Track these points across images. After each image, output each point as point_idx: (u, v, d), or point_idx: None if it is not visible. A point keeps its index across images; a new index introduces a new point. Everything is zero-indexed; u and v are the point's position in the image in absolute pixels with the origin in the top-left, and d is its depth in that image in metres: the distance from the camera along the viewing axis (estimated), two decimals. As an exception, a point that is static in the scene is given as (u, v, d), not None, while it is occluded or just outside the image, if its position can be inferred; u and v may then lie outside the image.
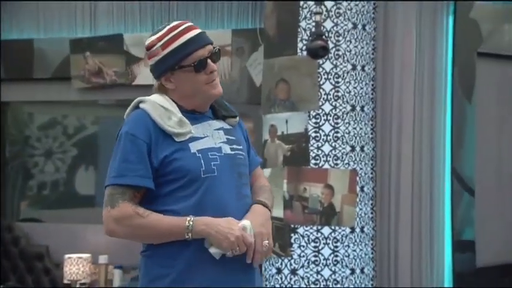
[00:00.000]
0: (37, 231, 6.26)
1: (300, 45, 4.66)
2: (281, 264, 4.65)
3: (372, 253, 4.77)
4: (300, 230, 4.62)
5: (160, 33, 2.32)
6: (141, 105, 2.33)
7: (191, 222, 2.22)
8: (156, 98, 2.35)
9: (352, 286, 4.62)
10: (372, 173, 4.79)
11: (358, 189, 4.67)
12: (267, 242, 2.28)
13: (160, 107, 2.31)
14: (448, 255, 4.83)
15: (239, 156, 2.37)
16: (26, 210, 6.96)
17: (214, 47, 2.34)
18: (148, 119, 2.29)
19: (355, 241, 4.66)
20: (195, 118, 2.35)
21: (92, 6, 6.21)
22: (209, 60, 2.32)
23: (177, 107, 2.34)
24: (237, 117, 2.44)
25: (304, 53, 4.54)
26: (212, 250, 2.24)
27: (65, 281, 5.71)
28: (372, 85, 4.82)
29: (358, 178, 4.67)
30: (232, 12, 5.85)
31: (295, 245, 4.62)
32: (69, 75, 6.19)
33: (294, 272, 4.62)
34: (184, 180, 2.26)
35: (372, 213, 4.78)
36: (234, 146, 2.37)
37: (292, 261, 4.62)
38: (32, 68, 6.33)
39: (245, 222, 2.27)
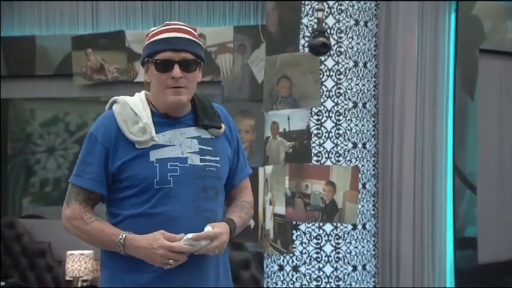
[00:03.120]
0: (39, 227, 6.26)
1: (302, 42, 4.66)
2: (283, 261, 4.65)
3: (374, 250, 4.77)
4: (302, 227, 4.62)
5: (155, 28, 2.35)
6: (113, 106, 2.32)
7: (121, 242, 2.22)
8: (130, 99, 2.32)
9: (354, 283, 4.62)
10: (374, 170, 4.78)
11: (360, 186, 4.67)
12: (215, 246, 2.23)
13: (130, 110, 2.28)
14: (450, 252, 4.83)
15: (209, 168, 2.30)
16: (28, 206, 6.97)
17: (193, 57, 2.27)
18: (113, 122, 2.28)
19: (357, 238, 4.66)
20: (168, 124, 2.29)
21: (94, 3, 6.20)
22: (176, 65, 2.25)
23: (152, 109, 2.30)
24: (221, 128, 2.35)
25: (306, 49, 4.54)
26: None
27: (67, 278, 5.71)
28: (374, 82, 4.81)
29: (360, 175, 4.67)
30: (234, 9, 5.84)
31: (297, 242, 4.62)
32: (71, 72, 6.18)
33: (295, 268, 4.62)
34: (137, 189, 2.25)
35: (373, 210, 4.78)
36: (207, 157, 2.30)
37: (294, 258, 4.62)
38: (33, 65, 6.33)
39: (190, 235, 2.19)
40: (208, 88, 5.80)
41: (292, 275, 4.62)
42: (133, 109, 2.28)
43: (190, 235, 2.21)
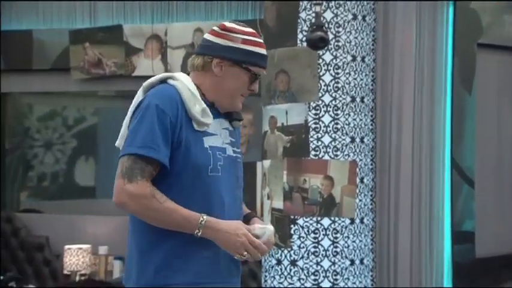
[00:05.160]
0: (37, 222, 6.26)
1: (300, 36, 4.65)
2: (281, 255, 4.66)
3: (372, 244, 4.78)
4: (300, 221, 4.62)
5: (246, 29, 2.36)
6: (171, 82, 2.29)
7: (202, 224, 2.19)
8: (184, 78, 2.31)
9: (351, 277, 4.63)
10: (371, 164, 4.79)
11: (358, 180, 4.68)
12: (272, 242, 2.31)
13: (188, 89, 2.27)
14: (447, 246, 4.84)
15: (238, 159, 2.39)
16: (26, 201, 6.97)
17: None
18: (178, 97, 2.25)
19: (355, 232, 4.66)
20: (212, 113, 2.32)
21: (92, -3, 6.20)
22: (257, 82, 2.37)
23: (201, 95, 2.32)
24: (241, 121, 2.45)
25: (304, 44, 4.54)
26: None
27: (65, 272, 5.71)
28: (372, 76, 4.81)
29: (358, 169, 4.67)
30: (232, 3, 5.83)
31: (295, 236, 4.62)
32: (68, 66, 6.17)
33: (293, 263, 4.63)
34: (191, 173, 2.23)
35: (371, 204, 4.78)
36: (235, 149, 2.38)
37: (292, 252, 4.63)
38: (31, 59, 6.32)
39: (270, 227, 2.28)
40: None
41: (290, 269, 4.63)
42: (191, 90, 2.28)
43: (268, 231, 2.27)
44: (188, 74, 2.36)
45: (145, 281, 2.24)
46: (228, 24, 2.36)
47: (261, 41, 2.38)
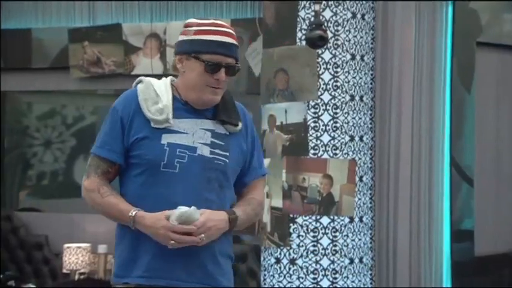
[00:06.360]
0: (36, 220, 6.26)
1: (299, 34, 4.65)
2: (280, 254, 4.66)
3: (371, 243, 4.78)
4: (299, 220, 4.62)
5: (203, 21, 2.39)
6: (138, 85, 2.41)
7: (132, 218, 2.29)
8: (155, 81, 2.40)
9: (351, 276, 4.63)
10: (371, 163, 4.79)
11: (357, 179, 4.67)
12: (203, 235, 2.27)
13: (153, 90, 2.37)
14: (446, 245, 4.84)
15: (217, 161, 2.36)
16: (25, 199, 6.96)
17: (236, 64, 2.38)
18: (135, 98, 2.37)
19: (354, 231, 4.66)
20: (187, 112, 2.37)
21: (91, -4, 6.19)
22: (223, 69, 2.35)
23: (175, 95, 2.38)
24: (238, 126, 2.41)
25: (303, 42, 4.53)
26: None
27: (64, 271, 5.71)
28: (371, 75, 4.81)
29: (357, 168, 4.67)
30: (231, 2, 5.83)
31: (294, 235, 4.62)
32: (67, 65, 6.17)
33: (293, 261, 4.63)
34: (144, 169, 2.32)
35: (370, 203, 4.78)
36: (217, 151, 2.36)
37: (291, 251, 4.63)
38: (30, 58, 6.32)
39: (182, 208, 2.25)
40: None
41: (289, 268, 4.63)
42: (156, 90, 2.37)
43: (176, 213, 2.25)
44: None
45: (113, 275, 2.41)
46: (189, 20, 2.41)
47: (218, 28, 2.36)
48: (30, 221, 6.28)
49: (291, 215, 4.64)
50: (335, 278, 4.60)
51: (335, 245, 4.61)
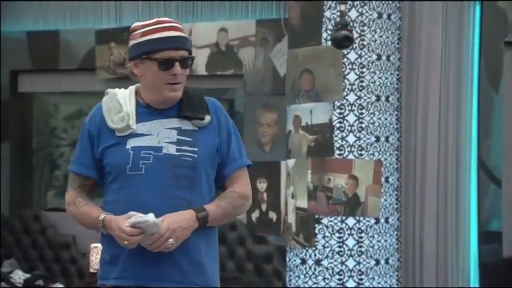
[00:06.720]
0: (64, 220, 6.30)
1: (324, 35, 4.64)
2: (305, 254, 4.65)
3: (397, 244, 4.75)
4: (324, 221, 4.61)
5: (146, 22, 2.41)
6: (103, 98, 2.48)
7: (101, 223, 2.37)
8: (120, 91, 2.47)
9: (376, 277, 4.61)
10: (396, 164, 4.76)
11: (383, 179, 4.65)
12: (171, 240, 2.30)
13: (116, 100, 2.43)
14: (474, 246, 4.79)
15: (184, 158, 2.37)
16: (52, 199, 7.03)
17: (189, 55, 2.40)
18: (100, 111, 2.43)
19: (380, 232, 4.64)
20: (151, 114, 2.41)
21: (117, -3, 6.23)
22: (177, 63, 2.37)
23: (138, 100, 2.43)
24: (205, 120, 2.41)
25: (329, 43, 4.52)
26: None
27: (91, 270, 5.74)
28: (397, 75, 4.78)
29: (382, 169, 4.65)
30: (256, 2, 5.83)
31: (319, 236, 4.61)
32: (94, 66, 6.22)
33: (318, 262, 4.62)
34: (114, 175, 2.39)
35: (396, 204, 4.76)
36: (184, 148, 2.38)
37: (317, 251, 4.62)
38: (58, 59, 6.37)
39: (140, 216, 2.30)
40: (230, 82, 5.80)
41: (315, 269, 4.62)
42: (119, 100, 2.43)
43: (132, 219, 2.30)
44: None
45: (99, 276, 2.47)
46: (134, 24, 2.44)
47: (163, 25, 2.39)
48: (57, 221, 6.34)
49: (316, 216, 4.63)
50: (361, 279, 4.58)
51: (361, 246, 4.59)
